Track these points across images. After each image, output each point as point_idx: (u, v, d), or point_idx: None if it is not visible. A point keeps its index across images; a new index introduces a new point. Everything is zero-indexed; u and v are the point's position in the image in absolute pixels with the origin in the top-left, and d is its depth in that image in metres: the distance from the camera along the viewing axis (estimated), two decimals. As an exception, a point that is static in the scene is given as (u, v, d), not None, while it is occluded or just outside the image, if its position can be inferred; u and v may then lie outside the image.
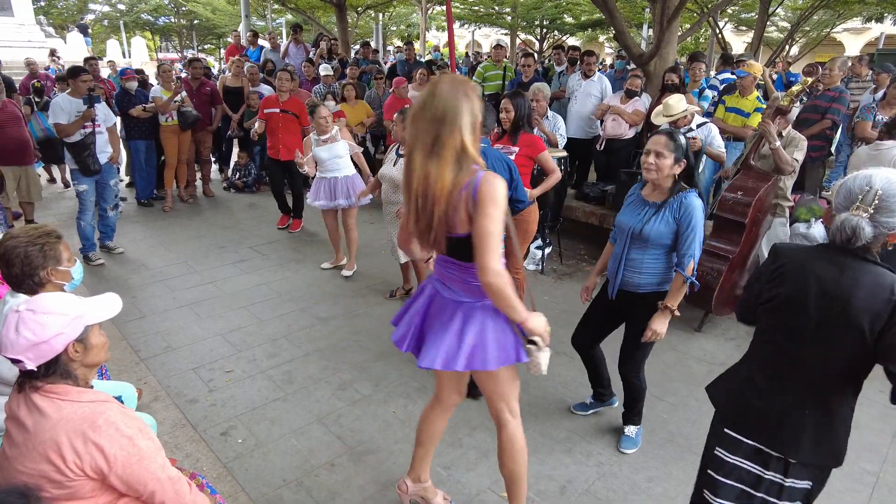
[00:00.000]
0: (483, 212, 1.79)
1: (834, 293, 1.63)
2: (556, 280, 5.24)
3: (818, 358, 1.69)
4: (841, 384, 1.71)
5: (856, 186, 1.63)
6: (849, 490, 2.74)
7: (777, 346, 1.77)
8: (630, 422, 3.02)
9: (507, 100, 3.85)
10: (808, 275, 1.68)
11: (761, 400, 1.80)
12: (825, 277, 1.65)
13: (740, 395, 1.87)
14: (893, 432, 3.18)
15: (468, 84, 1.85)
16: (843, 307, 1.61)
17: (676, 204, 2.56)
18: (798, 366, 1.73)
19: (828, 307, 1.64)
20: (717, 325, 4.38)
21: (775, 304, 1.76)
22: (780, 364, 1.77)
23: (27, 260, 2.14)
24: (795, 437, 1.72)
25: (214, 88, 7.43)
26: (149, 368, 3.60)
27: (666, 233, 2.58)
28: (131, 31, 29.84)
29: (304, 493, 2.62)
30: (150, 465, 1.50)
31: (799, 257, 1.74)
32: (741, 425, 1.85)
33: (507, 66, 7.66)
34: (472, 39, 32.09)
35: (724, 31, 16.35)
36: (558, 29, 21.85)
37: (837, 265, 1.64)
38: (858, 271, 1.61)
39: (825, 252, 1.70)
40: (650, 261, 2.66)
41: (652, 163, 2.53)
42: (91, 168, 5.12)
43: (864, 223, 1.57)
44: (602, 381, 3.17)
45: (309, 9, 16.07)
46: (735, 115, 5.51)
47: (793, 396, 1.74)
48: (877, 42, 22.43)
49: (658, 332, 2.62)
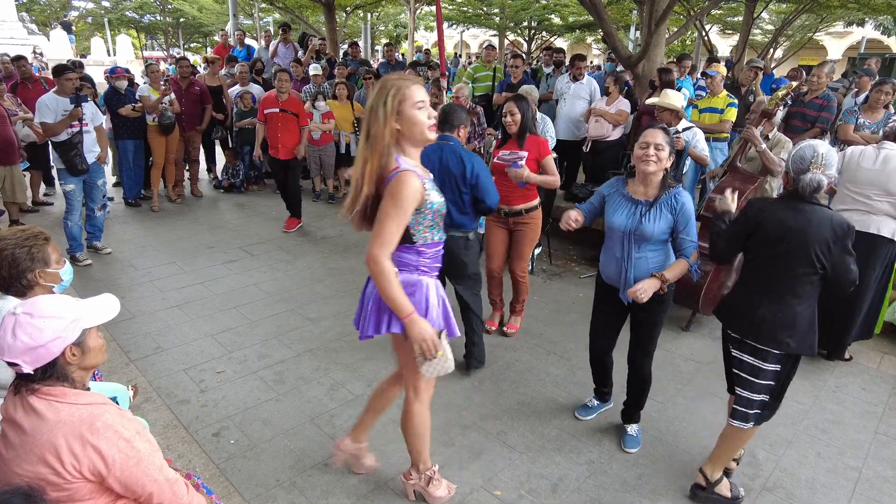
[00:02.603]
0: (383, 203, 2.01)
1: (796, 228, 2.33)
2: (545, 280, 5.28)
3: (788, 272, 2.37)
4: (803, 289, 2.38)
5: (807, 154, 2.34)
6: (833, 485, 2.80)
7: (760, 268, 2.46)
8: (633, 420, 3.07)
9: (513, 103, 3.81)
10: (779, 217, 2.38)
11: (749, 307, 2.46)
12: (788, 218, 2.35)
13: (734, 307, 2.56)
14: (875, 429, 3.25)
15: (402, 82, 2.01)
16: (802, 237, 2.31)
17: (670, 200, 2.64)
18: (774, 280, 2.41)
19: (792, 238, 2.33)
20: (705, 324, 4.45)
21: (758, 239, 2.43)
22: (762, 280, 2.46)
23: (14, 262, 2.12)
24: (769, 330, 2.40)
25: (204, 88, 7.38)
26: (139, 370, 3.58)
27: (665, 229, 2.66)
28: (116, 29, 29.45)
29: (297, 493, 2.63)
30: (148, 468, 1.50)
31: (769, 206, 2.45)
32: (735, 326, 2.53)
33: (496, 67, 7.70)
34: (461, 40, 32.12)
35: (710, 33, 16.54)
36: (546, 30, 21.96)
37: (795, 209, 2.36)
38: (810, 213, 2.33)
39: (785, 201, 2.43)
40: (652, 255, 2.72)
41: (653, 154, 2.58)
42: (78, 168, 5.06)
43: (822, 178, 2.31)
44: (608, 383, 3.21)
45: (297, 8, 15.99)
46: (710, 114, 5.73)
47: (770, 301, 2.41)
48: (858, 46, 22.83)
49: (644, 289, 2.56)
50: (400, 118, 2.00)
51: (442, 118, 3.38)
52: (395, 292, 2.01)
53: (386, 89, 1.99)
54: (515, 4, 19.20)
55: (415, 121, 2.02)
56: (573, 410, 3.29)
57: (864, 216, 3.68)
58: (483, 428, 3.13)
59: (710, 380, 3.67)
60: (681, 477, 2.82)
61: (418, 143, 2.10)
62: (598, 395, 3.28)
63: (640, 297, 2.57)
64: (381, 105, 1.98)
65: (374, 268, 2.00)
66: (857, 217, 3.68)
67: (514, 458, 2.91)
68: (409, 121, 2.01)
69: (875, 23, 18.06)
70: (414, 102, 2.00)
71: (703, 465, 2.69)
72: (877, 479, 2.85)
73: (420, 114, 2.01)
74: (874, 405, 3.49)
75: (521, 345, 4.05)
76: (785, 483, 2.81)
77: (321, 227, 6.63)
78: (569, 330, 4.28)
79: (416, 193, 2.00)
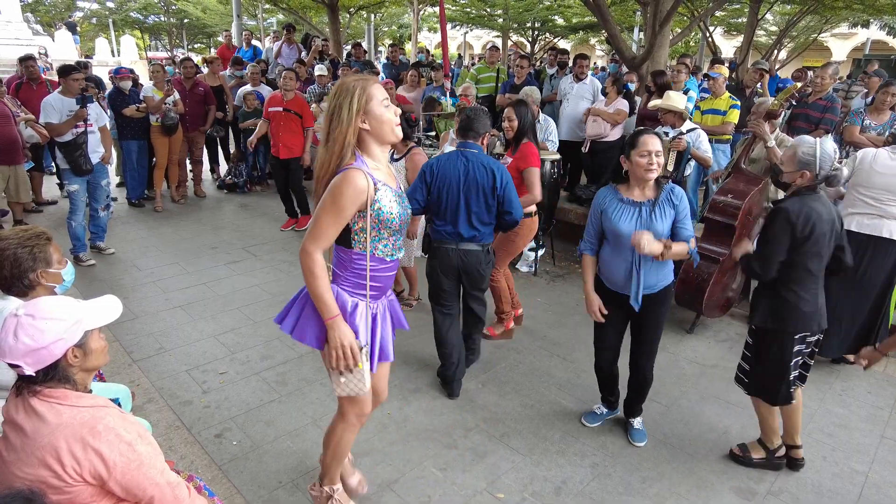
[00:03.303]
0: (322, 198, 1.96)
1: (829, 219, 2.54)
2: (549, 282, 5.27)
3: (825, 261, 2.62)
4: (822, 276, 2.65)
5: (830, 153, 2.53)
6: (839, 490, 2.78)
7: (818, 264, 2.59)
8: (635, 413, 3.11)
9: (511, 109, 3.78)
10: (819, 213, 2.51)
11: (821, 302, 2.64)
12: (824, 212, 2.53)
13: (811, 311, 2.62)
14: (881, 433, 3.23)
15: (365, 82, 1.96)
16: (833, 224, 2.56)
17: (668, 196, 2.71)
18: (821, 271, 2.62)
19: (831, 227, 2.54)
20: (709, 327, 4.43)
21: (814, 240, 2.52)
22: (820, 275, 2.62)
23: (16, 262, 2.11)
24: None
25: (208, 88, 7.39)
26: (142, 370, 3.58)
27: (669, 225, 2.71)
28: (120, 30, 29.54)
29: (299, 495, 2.62)
30: (149, 471, 1.49)
31: (809, 207, 2.51)
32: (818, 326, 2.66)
33: (499, 67, 7.69)
34: (464, 41, 32.12)
35: (714, 35, 16.49)
36: (550, 31, 21.93)
37: (821, 201, 2.57)
38: (826, 201, 2.59)
39: (811, 196, 2.57)
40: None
41: (654, 163, 2.62)
42: (83, 168, 5.07)
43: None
44: (615, 391, 3.19)
45: (301, 9, 16.01)
46: (713, 116, 5.72)
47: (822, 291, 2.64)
48: (863, 47, 22.76)
49: (646, 241, 2.53)
50: (368, 117, 1.96)
51: (465, 124, 3.26)
52: (321, 290, 1.96)
53: (349, 89, 1.93)
54: (519, 5, 19.17)
55: (383, 119, 1.97)
56: (578, 414, 3.28)
57: (874, 220, 3.66)
58: (486, 430, 3.12)
59: (714, 382, 3.65)
60: (685, 480, 2.80)
61: (385, 142, 2.05)
62: (605, 402, 3.24)
63: (643, 247, 2.53)
64: (346, 105, 1.92)
65: (304, 260, 1.96)
66: (867, 221, 3.66)
67: (517, 460, 2.89)
68: (378, 119, 1.97)
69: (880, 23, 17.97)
70: (380, 101, 1.97)
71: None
72: (884, 484, 2.83)
73: (388, 112, 1.99)
74: (880, 409, 3.47)
75: (524, 347, 4.04)
76: (790, 487, 2.78)
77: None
78: (572, 332, 4.26)
79: (358, 192, 1.91)
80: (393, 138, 2.03)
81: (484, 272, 3.35)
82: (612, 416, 3.25)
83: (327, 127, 1.97)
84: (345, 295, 2.06)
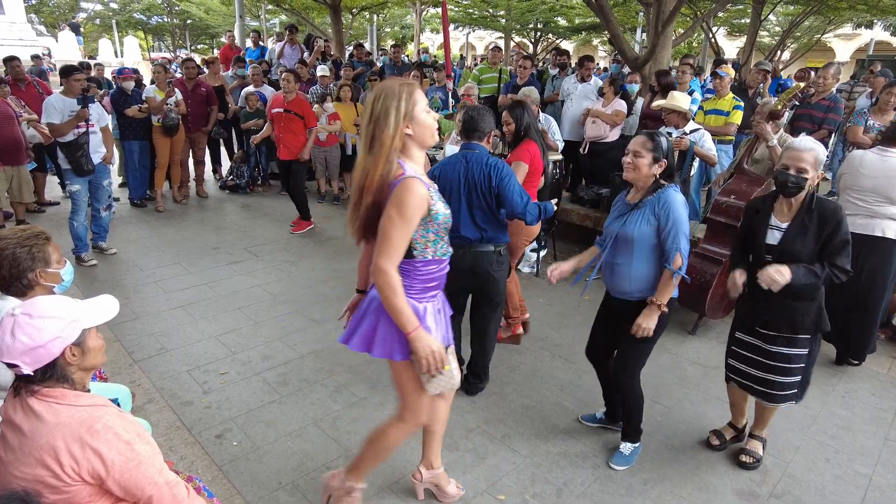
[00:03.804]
0: (386, 212, 1.93)
1: None
2: (550, 283, 5.25)
3: None
4: None
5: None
6: (842, 492, 2.76)
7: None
8: (627, 437, 2.90)
9: (507, 113, 3.75)
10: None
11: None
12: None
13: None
14: (885, 435, 3.21)
15: (410, 86, 1.96)
16: None
17: (655, 200, 2.56)
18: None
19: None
20: (711, 328, 4.41)
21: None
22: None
23: (15, 262, 2.10)
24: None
25: (210, 89, 7.40)
26: (143, 370, 3.58)
27: (649, 232, 2.56)
28: (124, 31, 29.66)
29: (300, 496, 2.61)
30: (148, 471, 1.48)
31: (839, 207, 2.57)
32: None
33: (502, 68, 7.68)
34: (467, 42, 32.12)
35: (717, 35, 16.46)
36: (552, 32, 21.93)
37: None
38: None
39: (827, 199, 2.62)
40: (639, 266, 2.62)
41: (630, 162, 2.59)
42: (84, 168, 5.08)
43: None
44: (615, 399, 3.06)
45: (303, 9, 16.03)
46: (716, 116, 5.69)
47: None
48: (867, 48, 22.68)
49: (644, 327, 2.57)
50: (412, 122, 1.95)
51: (469, 125, 3.17)
52: (402, 304, 1.95)
53: (395, 93, 1.92)
54: (521, 6, 19.18)
55: (426, 124, 1.99)
56: (578, 414, 3.26)
57: (866, 220, 3.66)
58: (487, 432, 3.11)
59: (716, 384, 3.63)
60: (687, 482, 2.79)
61: (425, 147, 2.06)
62: (608, 412, 3.14)
63: (646, 332, 2.57)
64: (393, 110, 1.91)
65: (382, 280, 1.92)
66: (860, 221, 3.65)
67: (518, 462, 2.88)
68: (422, 125, 1.97)
69: (884, 24, 17.93)
70: (423, 106, 1.99)
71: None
72: (888, 487, 2.81)
73: (429, 117, 2.00)
74: (884, 411, 3.44)
75: (525, 348, 4.02)
76: (793, 490, 2.76)
77: (326, 228, 6.63)
78: (574, 333, 4.25)
79: (422, 201, 1.93)
80: (432, 142, 2.05)
81: (496, 274, 3.18)
82: (606, 424, 3.14)
83: (372, 131, 1.94)
84: (413, 303, 2.06)
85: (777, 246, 2.60)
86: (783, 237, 2.59)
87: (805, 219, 2.55)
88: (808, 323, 2.64)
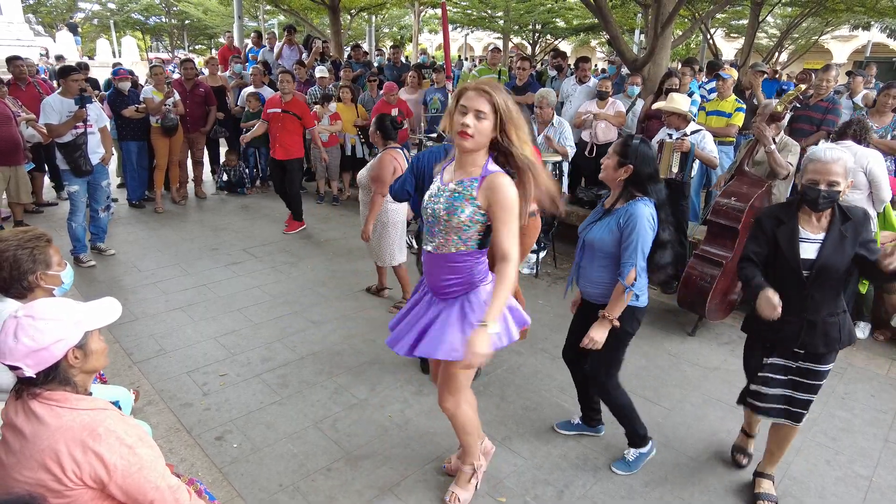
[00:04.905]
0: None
1: None
2: (550, 284, 5.25)
3: None
4: None
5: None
6: (843, 494, 2.76)
7: None
8: (631, 443, 2.87)
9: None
10: None
11: None
12: None
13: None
14: (885, 437, 3.21)
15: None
16: None
17: (622, 211, 2.53)
18: None
19: None
20: (711, 329, 4.41)
21: None
22: None
23: (16, 264, 2.10)
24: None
25: (209, 89, 7.38)
26: (142, 372, 3.57)
27: (609, 241, 2.54)
28: (121, 31, 29.59)
29: (300, 498, 2.60)
30: (150, 474, 1.48)
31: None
32: None
33: (501, 69, 7.68)
34: (465, 43, 32.13)
35: (715, 37, 16.49)
36: (551, 33, 21.95)
37: None
38: None
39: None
40: (599, 271, 2.62)
41: (602, 162, 2.64)
42: (83, 169, 5.06)
43: None
44: (590, 402, 3.03)
45: (302, 10, 16.01)
46: (717, 118, 5.71)
47: None
48: (864, 50, 22.76)
49: (594, 339, 2.57)
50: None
51: None
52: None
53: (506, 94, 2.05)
54: (520, 7, 19.19)
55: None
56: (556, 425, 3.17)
57: None
58: (488, 433, 3.09)
59: (716, 385, 3.64)
60: (688, 484, 2.79)
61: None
62: (583, 416, 3.10)
63: (595, 345, 2.59)
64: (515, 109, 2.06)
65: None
66: None
67: (519, 463, 2.88)
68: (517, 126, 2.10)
69: (881, 26, 17.98)
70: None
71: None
72: (888, 489, 2.81)
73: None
74: (883, 412, 3.45)
75: (525, 349, 4.02)
76: (794, 492, 2.77)
77: (325, 229, 6.62)
78: (574, 334, 4.25)
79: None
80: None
81: None
82: (584, 430, 3.09)
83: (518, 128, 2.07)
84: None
85: (817, 260, 2.36)
86: (822, 251, 2.35)
87: (842, 229, 2.35)
88: (844, 337, 2.47)
